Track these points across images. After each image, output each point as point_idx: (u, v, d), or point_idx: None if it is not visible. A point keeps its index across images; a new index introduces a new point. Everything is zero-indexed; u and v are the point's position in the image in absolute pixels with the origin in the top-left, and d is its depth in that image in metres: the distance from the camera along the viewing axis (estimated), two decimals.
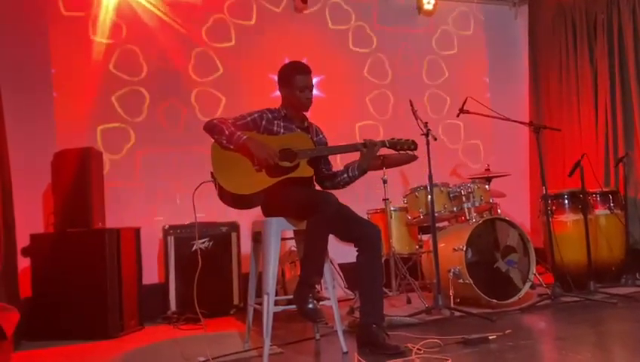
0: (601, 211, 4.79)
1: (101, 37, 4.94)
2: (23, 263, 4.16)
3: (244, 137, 3.06)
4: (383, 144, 3.25)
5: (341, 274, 5.07)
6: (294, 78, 3.22)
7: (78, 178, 4.16)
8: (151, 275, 4.75)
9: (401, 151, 3.32)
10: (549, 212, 4.58)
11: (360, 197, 5.20)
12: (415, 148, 3.32)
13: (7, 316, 3.29)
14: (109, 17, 4.96)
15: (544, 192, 4.44)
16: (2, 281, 3.65)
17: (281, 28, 5.55)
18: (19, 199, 4.08)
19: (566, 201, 4.76)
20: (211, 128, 3.12)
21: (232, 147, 3.07)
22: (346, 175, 3.30)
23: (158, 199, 5.03)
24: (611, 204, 4.81)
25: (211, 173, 3.09)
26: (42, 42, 4.74)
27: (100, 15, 4.93)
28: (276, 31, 5.52)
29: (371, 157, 3.21)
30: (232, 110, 4.57)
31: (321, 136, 3.42)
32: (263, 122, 3.20)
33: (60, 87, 4.79)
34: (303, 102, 3.23)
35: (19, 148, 4.22)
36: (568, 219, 4.71)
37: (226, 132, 3.07)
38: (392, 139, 3.30)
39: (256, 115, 3.21)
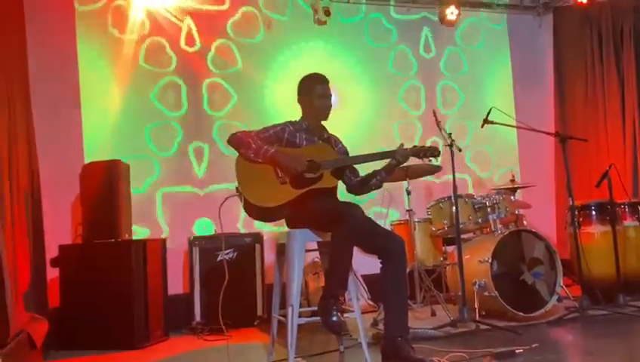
0: (629, 222, 4.68)
1: (131, 46, 5.03)
2: (52, 273, 4.23)
3: (272, 150, 3.10)
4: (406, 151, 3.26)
5: (364, 285, 5.05)
6: (313, 87, 3.28)
7: (105, 190, 4.23)
8: (176, 286, 4.79)
9: (424, 159, 3.32)
10: (576, 223, 4.50)
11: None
12: (438, 155, 3.33)
13: (37, 326, 3.35)
14: (135, 35, 5.05)
15: (571, 203, 4.38)
16: (32, 291, 3.72)
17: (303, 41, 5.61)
18: (48, 210, 4.17)
19: (593, 212, 4.66)
20: (237, 142, 3.17)
21: (259, 160, 3.11)
22: (375, 179, 3.32)
23: (185, 210, 5.08)
24: None
25: (236, 187, 3.12)
26: (71, 54, 4.84)
27: (126, 32, 5.03)
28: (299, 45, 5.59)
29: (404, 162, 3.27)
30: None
31: (340, 145, 3.44)
32: (285, 135, 3.24)
33: (88, 99, 4.87)
34: (321, 110, 3.28)
35: (48, 160, 4.32)
36: (596, 231, 4.61)
37: (253, 146, 3.12)
38: (415, 146, 3.30)
39: (278, 128, 3.25)
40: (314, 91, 3.27)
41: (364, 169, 3.41)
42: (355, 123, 5.59)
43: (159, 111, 5.10)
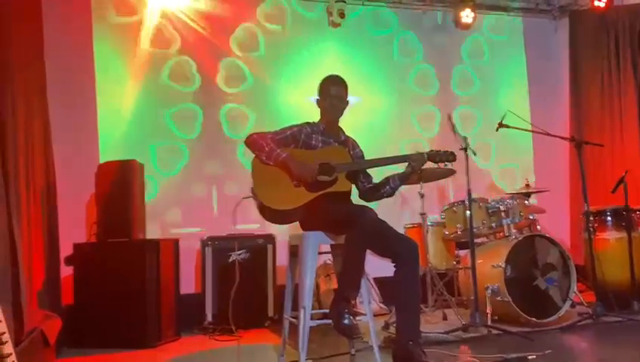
0: None
1: (146, 47, 5.07)
2: (66, 271, 4.27)
3: (284, 155, 3.10)
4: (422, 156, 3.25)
5: (376, 288, 5.04)
6: (329, 88, 3.30)
7: (120, 189, 4.26)
8: (188, 285, 4.81)
9: (440, 164, 3.30)
10: (591, 229, 4.46)
11: (397, 212, 5.18)
12: (454, 160, 3.31)
13: (50, 324, 3.38)
14: (151, 35, 5.09)
15: (586, 209, 4.33)
16: (46, 289, 3.76)
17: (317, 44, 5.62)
18: (63, 209, 4.20)
19: (609, 218, 4.62)
20: (252, 143, 3.17)
21: (271, 163, 3.11)
22: (388, 187, 3.31)
23: (197, 211, 5.11)
24: None
25: (251, 188, 3.13)
26: (88, 55, 4.89)
27: (141, 33, 5.07)
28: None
29: (419, 168, 3.25)
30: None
31: (357, 150, 3.43)
32: (302, 136, 3.24)
33: (104, 99, 4.92)
34: (330, 110, 3.29)
35: (64, 160, 4.35)
36: (611, 237, 4.57)
37: (266, 148, 3.12)
38: (431, 150, 3.29)
39: (295, 129, 3.25)
40: (329, 92, 3.29)
41: (379, 174, 3.39)
42: (372, 127, 5.59)
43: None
